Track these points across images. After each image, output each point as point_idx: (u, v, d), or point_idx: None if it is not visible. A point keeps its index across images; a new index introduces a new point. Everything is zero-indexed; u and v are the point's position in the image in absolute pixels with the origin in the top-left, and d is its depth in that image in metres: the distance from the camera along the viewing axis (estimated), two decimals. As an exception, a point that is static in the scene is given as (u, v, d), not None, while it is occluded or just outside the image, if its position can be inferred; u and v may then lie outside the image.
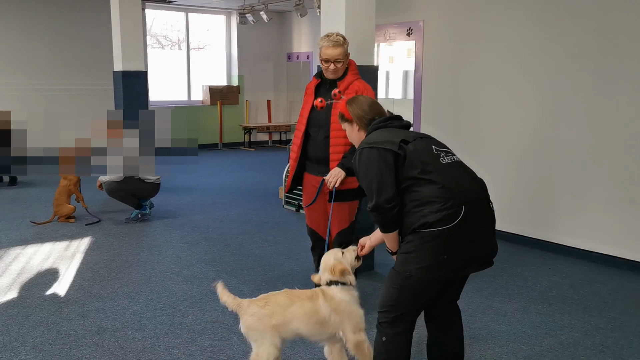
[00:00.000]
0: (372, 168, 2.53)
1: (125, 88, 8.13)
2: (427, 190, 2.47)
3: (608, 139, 4.92)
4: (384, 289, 2.61)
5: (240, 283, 4.55)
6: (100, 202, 7.29)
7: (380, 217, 2.53)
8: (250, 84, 13.23)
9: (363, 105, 2.82)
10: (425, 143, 2.62)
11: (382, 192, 2.49)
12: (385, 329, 2.60)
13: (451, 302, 2.79)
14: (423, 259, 2.45)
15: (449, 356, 2.80)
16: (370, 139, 2.64)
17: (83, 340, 3.54)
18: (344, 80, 3.71)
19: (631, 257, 4.86)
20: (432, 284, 2.52)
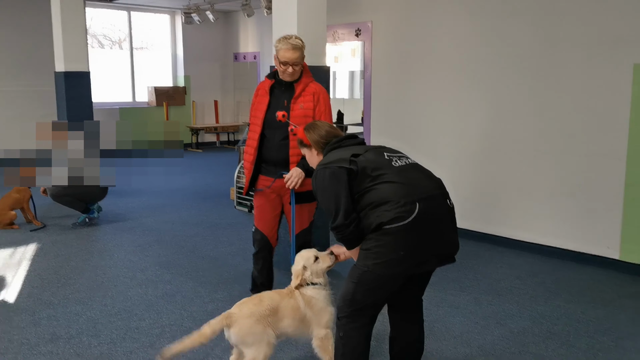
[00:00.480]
0: (328, 188, 2.63)
1: (68, 89, 7.92)
2: (381, 192, 2.55)
3: (550, 136, 5.15)
4: (344, 283, 2.68)
5: (197, 285, 4.52)
6: (44, 207, 7.06)
7: (341, 234, 2.61)
8: (196, 85, 13.09)
9: (320, 131, 2.95)
10: (377, 151, 2.73)
11: (339, 212, 2.57)
12: (343, 324, 2.66)
13: (415, 297, 2.86)
14: (380, 255, 2.52)
15: (411, 350, 2.88)
16: (324, 160, 2.75)
17: (37, 349, 3.45)
18: (300, 82, 3.73)
19: (573, 248, 5.11)
20: (388, 280, 2.58)
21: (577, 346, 3.50)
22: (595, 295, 4.31)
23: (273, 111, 3.70)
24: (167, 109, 12.53)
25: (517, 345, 3.51)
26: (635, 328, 3.75)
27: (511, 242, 5.50)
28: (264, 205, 3.86)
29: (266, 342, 2.86)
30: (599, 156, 4.87)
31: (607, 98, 4.78)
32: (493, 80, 5.47)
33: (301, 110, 3.67)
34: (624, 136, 4.70)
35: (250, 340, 2.85)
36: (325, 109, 3.77)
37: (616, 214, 4.80)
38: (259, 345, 2.84)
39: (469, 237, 5.77)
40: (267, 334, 2.88)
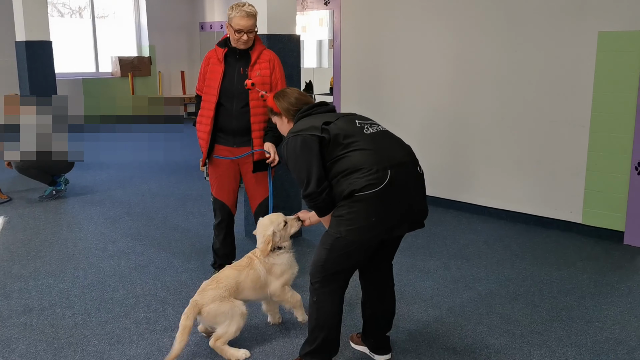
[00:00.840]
0: (299, 156, 2.63)
1: (30, 59, 7.70)
2: (353, 159, 2.58)
3: (515, 104, 5.25)
4: (316, 249, 2.72)
5: (170, 255, 4.53)
6: (9, 180, 6.93)
7: (313, 202, 2.64)
8: (162, 55, 12.84)
9: (290, 98, 2.93)
10: (348, 119, 2.74)
11: (311, 179, 2.59)
12: (316, 289, 2.70)
13: (385, 262, 2.93)
14: (353, 221, 2.56)
15: (383, 313, 2.96)
16: (295, 127, 2.75)
17: (10, 321, 3.43)
18: (254, 49, 3.72)
19: (538, 213, 5.26)
20: (361, 246, 2.63)
21: (542, 306, 3.64)
22: (559, 258, 4.47)
23: (230, 80, 3.68)
24: (132, 80, 12.29)
25: (485, 307, 3.63)
26: (596, 288, 3.91)
27: (478, 208, 5.63)
28: (224, 175, 3.85)
29: (238, 314, 2.99)
30: (564, 123, 4.99)
31: (572, 66, 4.88)
32: (459, 50, 5.52)
33: (259, 77, 3.67)
34: (588, 103, 4.82)
35: (222, 319, 2.98)
36: (281, 76, 3.80)
37: (579, 179, 4.96)
38: (231, 320, 2.98)
39: (437, 204, 5.89)
40: (235, 307, 2.99)
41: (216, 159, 3.81)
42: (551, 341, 3.21)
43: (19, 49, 7.77)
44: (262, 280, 3.09)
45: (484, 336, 3.26)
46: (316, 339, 2.71)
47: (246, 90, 3.64)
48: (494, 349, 3.12)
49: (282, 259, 3.13)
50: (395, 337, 3.21)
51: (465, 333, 3.30)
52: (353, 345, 3.13)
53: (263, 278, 3.09)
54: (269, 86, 3.71)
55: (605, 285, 3.95)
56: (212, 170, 3.88)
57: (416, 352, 3.10)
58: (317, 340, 2.71)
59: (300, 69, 4.80)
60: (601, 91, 4.74)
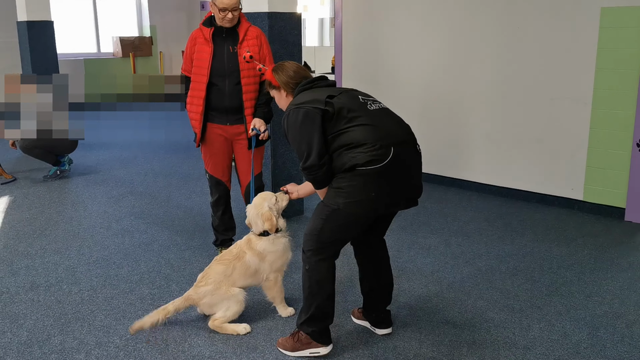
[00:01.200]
0: (301, 129, 2.63)
1: (32, 40, 7.70)
2: (357, 134, 2.59)
3: (517, 81, 5.24)
4: (311, 219, 2.74)
5: (173, 234, 4.57)
6: (13, 160, 6.97)
7: (312, 175, 2.65)
8: (163, 35, 12.79)
9: (288, 71, 2.90)
10: (351, 94, 2.75)
11: (311, 152, 2.59)
12: (309, 257, 2.73)
13: (378, 237, 2.97)
14: (352, 194, 2.59)
15: (380, 287, 3.00)
16: (296, 100, 2.74)
17: (17, 297, 3.49)
18: (240, 27, 3.72)
19: (538, 191, 5.28)
20: (357, 219, 2.66)
21: (541, 281, 3.68)
22: (559, 234, 4.51)
23: (219, 59, 3.68)
24: (133, 61, 12.26)
25: (485, 282, 3.68)
26: (596, 263, 3.95)
27: (479, 186, 5.66)
28: (217, 152, 3.88)
29: (234, 301, 3.05)
30: (565, 100, 4.99)
31: (574, 42, 4.87)
32: (461, 28, 5.50)
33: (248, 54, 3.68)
34: (590, 80, 4.81)
35: (220, 307, 3.06)
36: (269, 52, 3.81)
37: (581, 157, 4.97)
38: (228, 307, 3.05)
39: (438, 182, 5.91)
40: (231, 295, 3.05)
41: (209, 137, 3.84)
42: (550, 315, 3.25)
43: (21, 29, 7.76)
44: (252, 269, 3.12)
45: (484, 310, 3.31)
46: (310, 307, 2.75)
47: (238, 69, 3.66)
48: (494, 323, 3.16)
49: (276, 246, 3.12)
50: (395, 311, 3.26)
51: (465, 308, 3.34)
52: (355, 320, 3.18)
53: (254, 267, 3.11)
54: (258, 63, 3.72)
55: (605, 261, 3.99)
56: (205, 149, 3.91)
57: (417, 326, 3.15)
58: (311, 308, 2.75)
59: (301, 47, 4.79)
60: (604, 68, 4.73)
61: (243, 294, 3.10)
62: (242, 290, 3.11)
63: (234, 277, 3.09)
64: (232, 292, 3.06)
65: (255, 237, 3.14)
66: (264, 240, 3.12)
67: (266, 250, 3.11)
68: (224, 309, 3.05)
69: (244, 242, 3.17)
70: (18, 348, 2.93)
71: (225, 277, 3.08)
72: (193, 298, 3.07)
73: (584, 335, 3.05)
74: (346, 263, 3.87)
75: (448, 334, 3.06)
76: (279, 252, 3.13)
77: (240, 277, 3.11)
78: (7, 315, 3.27)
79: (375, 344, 2.96)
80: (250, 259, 3.11)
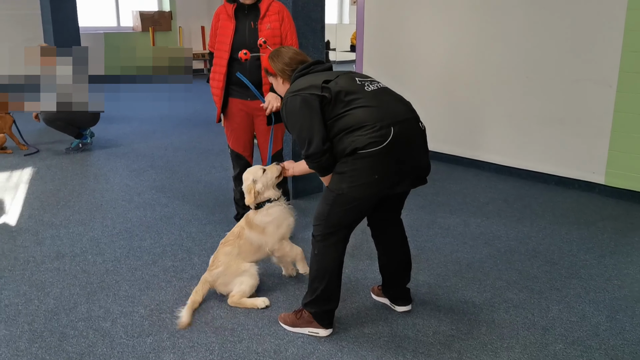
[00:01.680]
0: (299, 116, 2.61)
1: (54, 12, 7.73)
2: (356, 117, 2.57)
3: (540, 62, 5.18)
4: (318, 204, 2.75)
5: (194, 208, 4.63)
6: (36, 133, 7.06)
7: (315, 162, 2.64)
8: (182, 10, 12.77)
9: (284, 57, 2.87)
10: (348, 77, 2.71)
11: (313, 139, 2.58)
12: (318, 242, 2.75)
13: (392, 216, 2.97)
14: (355, 178, 2.58)
15: (397, 265, 3.02)
16: (293, 87, 2.71)
17: (43, 266, 3.57)
18: (263, 2, 3.71)
19: (558, 173, 5.26)
20: (363, 202, 2.65)
21: (561, 264, 3.69)
22: (579, 217, 4.50)
23: (241, 34, 3.69)
24: (153, 35, 12.28)
25: (504, 263, 3.69)
26: (616, 247, 3.95)
27: (499, 167, 5.64)
28: (239, 127, 3.91)
29: (247, 276, 3.12)
30: (590, 82, 4.93)
31: (600, 23, 4.79)
32: (485, 5, 5.44)
33: (269, 30, 3.68)
34: (616, 63, 4.75)
35: (234, 283, 3.13)
36: (290, 27, 3.78)
37: (604, 140, 4.92)
38: (242, 281, 3.12)
39: (458, 162, 5.90)
40: (243, 271, 3.12)
41: (231, 112, 3.87)
42: (569, 297, 3.26)
43: (44, 2, 7.79)
44: (255, 244, 3.17)
45: (502, 291, 3.33)
46: (316, 290, 2.78)
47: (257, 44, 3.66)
48: (512, 303, 3.19)
49: (272, 214, 3.15)
50: (415, 289, 3.29)
51: (484, 287, 3.37)
52: (374, 297, 3.22)
53: (256, 241, 3.16)
54: (279, 38, 3.72)
55: (626, 245, 3.98)
56: (227, 124, 3.95)
57: (435, 304, 3.18)
58: (317, 291, 2.78)
59: (324, 24, 4.78)
60: (630, 50, 4.66)
61: (255, 267, 3.16)
62: (253, 264, 3.17)
63: (241, 254, 3.16)
64: (244, 268, 3.13)
65: (252, 212, 3.19)
66: (259, 213, 3.17)
67: (263, 222, 3.15)
68: (239, 284, 3.11)
69: (244, 220, 3.24)
70: (45, 315, 3.01)
71: (232, 256, 3.14)
72: (209, 281, 3.14)
73: (602, 317, 3.06)
74: (366, 241, 3.90)
75: (467, 312, 3.09)
76: (277, 221, 3.16)
77: (247, 254, 3.17)
78: (33, 283, 3.35)
79: (395, 321, 3.00)
80: (250, 234, 3.16)
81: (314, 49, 4.68)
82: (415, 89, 5.99)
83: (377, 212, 2.93)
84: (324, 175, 2.73)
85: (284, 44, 3.71)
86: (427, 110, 5.93)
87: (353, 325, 2.94)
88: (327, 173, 2.69)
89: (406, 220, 3.06)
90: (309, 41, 4.63)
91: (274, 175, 3.17)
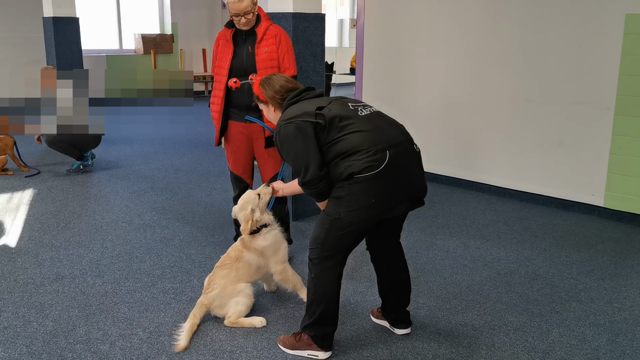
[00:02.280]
0: (294, 144, 2.62)
1: (57, 35, 7.82)
2: (351, 141, 2.58)
3: (539, 85, 5.23)
4: (315, 227, 2.75)
5: (194, 229, 4.63)
6: (37, 154, 7.09)
7: (314, 188, 2.64)
8: (184, 32, 12.91)
9: (274, 85, 2.88)
10: (341, 102, 2.73)
11: (309, 166, 2.58)
12: (315, 265, 2.74)
13: (391, 240, 2.97)
14: (352, 202, 2.58)
15: (397, 290, 3.02)
16: (285, 115, 2.71)
17: (42, 288, 3.56)
18: (260, 26, 3.74)
19: (558, 195, 5.27)
20: (360, 226, 2.65)
21: (561, 286, 3.68)
22: (579, 240, 4.50)
23: (239, 59, 3.74)
24: (154, 57, 12.39)
25: (504, 286, 3.68)
26: (616, 270, 3.94)
27: (498, 190, 5.65)
28: (239, 150, 3.93)
29: (242, 296, 3.13)
30: (588, 106, 4.97)
31: (597, 48, 4.85)
32: (485, 29, 5.50)
33: (266, 54, 3.71)
34: (613, 86, 4.79)
35: (230, 305, 3.14)
36: (288, 50, 3.80)
37: (602, 163, 4.95)
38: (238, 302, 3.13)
39: (458, 185, 5.92)
40: (239, 291, 3.13)
41: (231, 135, 3.91)
42: (569, 320, 3.25)
43: (47, 24, 7.88)
44: (254, 266, 3.19)
45: (502, 314, 3.32)
46: (314, 313, 2.77)
47: (255, 68, 3.70)
48: (512, 326, 3.17)
49: (269, 239, 3.18)
50: (414, 312, 3.28)
51: (484, 310, 3.36)
52: (374, 319, 3.21)
53: (255, 263, 3.18)
54: (277, 62, 3.75)
55: (626, 268, 3.98)
56: (227, 147, 4.00)
57: (435, 326, 3.17)
58: (315, 314, 2.77)
59: (324, 47, 4.83)
60: (627, 74, 4.71)
61: (250, 288, 3.18)
62: (249, 285, 3.19)
63: (238, 276, 3.16)
64: (239, 289, 3.14)
65: (247, 237, 3.20)
66: (257, 238, 3.19)
67: (261, 246, 3.18)
68: (235, 304, 3.12)
69: (239, 243, 3.25)
70: (44, 337, 3.00)
71: (229, 279, 3.15)
72: (205, 304, 3.14)
73: (603, 341, 3.05)
74: (365, 263, 3.90)
75: (467, 335, 3.08)
76: (275, 244, 3.21)
77: (245, 276, 3.19)
78: (32, 305, 3.34)
79: (394, 344, 2.99)
80: (249, 257, 3.18)
81: (315, 72, 4.73)
82: (414, 111, 6.03)
83: (376, 236, 2.94)
84: (320, 200, 2.73)
85: (281, 67, 3.75)
86: (427, 132, 5.97)
87: (352, 348, 2.93)
88: (324, 199, 2.69)
89: (406, 242, 3.08)
90: (310, 65, 4.68)
91: (266, 197, 3.20)
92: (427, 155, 6.23)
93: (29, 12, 9.97)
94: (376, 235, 2.93)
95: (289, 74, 3.74)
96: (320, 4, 4.71)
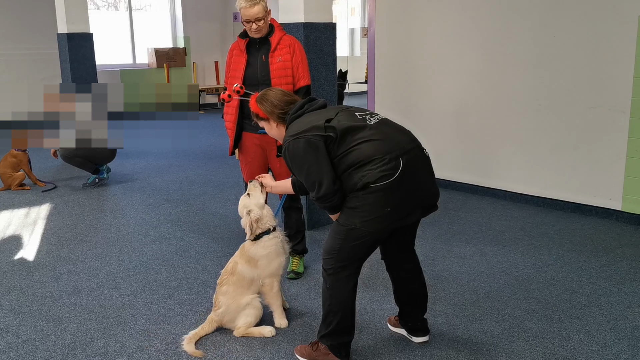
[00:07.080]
0: (305, 159, 2.59)
1: (71, 51, 7.92)
2: (363, 151, 2.56)
3: (553, 89, 5.20)
4: (328, 238, 2.72)
5: (209, 241, 4.64)
6: (54, 169, 7.17)
7: (329, 202, 2.62)
8: (196, 46, 13.03)
9: (272, 100, 2.84)
10: (348, 113, 2.70)
11: (323, 181, 2.56)
12: (329, 275, 2.72)
13: (406, 248, 2.94)
14: (367, 212, 2.55)
15: (414, 298, 2.99)
16: (292, 130, 2.67)
17: (60, 301, 3.59)
18: (274, 36, 3.75)
19: (575, 200, 5.22)
20: (375, 235, 2.63)
21: (580, 292, 3.63)
22: (597, 244, 4.44)
23: (252, 68, 3.75)
24: (167, 71, 12.50)
25: (522, 292, 3.64)
26: (636, 274, 3.88)
27: (514, 195, 5.61)
28: (252, 160, 3.93)
29: (250, 307, 3.12)
30: (603, 109, 4.93)
31: (611, 50, 4.81)
32: (497, 34, 5.49)
33: (280, 63, 3.71)
34: (628, 89, 4.75)
35: (239, 318, 3.14)
36: (302, 59, 3.80)
37: (619, 166, 4.89)
38: (247, 314, 3.13)
39: (473, 191, 5.88)
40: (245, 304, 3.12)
41: (245, 146, 3.91)
42: (590, 326, 3.21)
43: (61, 40, 7.99)
44: (247, 278, 3.14)
45: (521, 320, 3.28)
46: (331, 323, 2.75)
47: (269, 77, 3.70)
48: (532, 333, 3.14)
49: (268, 248, 3.13)
50: (432, 319, 3.26)
51: (502, 317, 3.32)
52: (391, 328, 3.19)
53: (248, 275, 3.14)
54: (290, 71, 3.74)
55: (645, 272, 3.92)
56: (242, 158, 3.98)
57: (453, 334, 3.14)
58: (331, 324, 2.75)
59: (336, 57, 4.84)
60: (642, 76, 4.67)
61: (257, 300, 3.15)
62: (255, 297, 3.15)
63: (237, 290, 3.13)
64: (245, 302, 3.12)
65: (248, 243, 3.18)
66: (256, 245, 3.14)
67: (257, 255, 3.12)
68: (244, 316, 3.12)
69: (239, 251, 3.23)
70: (62, 351, 3.01)
71: (230, 295, 3.13)
72: (215, 320, 3.15)
73: (624, 346, 3.00)
74: (381, 271, 3.88)
75: (486, 343, 3.05)
76: (271, 256, 3.13)
77: (242, 289, 3.14)
78: (50, 318, 3.37)
79: (412, 352, 2.96)
80: (242, 269, 3.13)
81: (327, 81, 4.75)
82: (428, 118, 6.01)
83: (391, 245, 2.92)
84: (334, 213, 2.71)
85: (295, 76, 3.76)
86: (441, 139, 5.95)
87: (370, 357, 2.91)
88: (338, 211, 2.67)
89: (422, 250, 3.06)
90: (322, 74, 4.70)
91: (258, 193, 3.15)
92: (442, 162, 6.24)
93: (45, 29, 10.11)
94: (390, 244, 2.91)
95: (302, 83, 3.75)
96: (331, 14, 4.73)
